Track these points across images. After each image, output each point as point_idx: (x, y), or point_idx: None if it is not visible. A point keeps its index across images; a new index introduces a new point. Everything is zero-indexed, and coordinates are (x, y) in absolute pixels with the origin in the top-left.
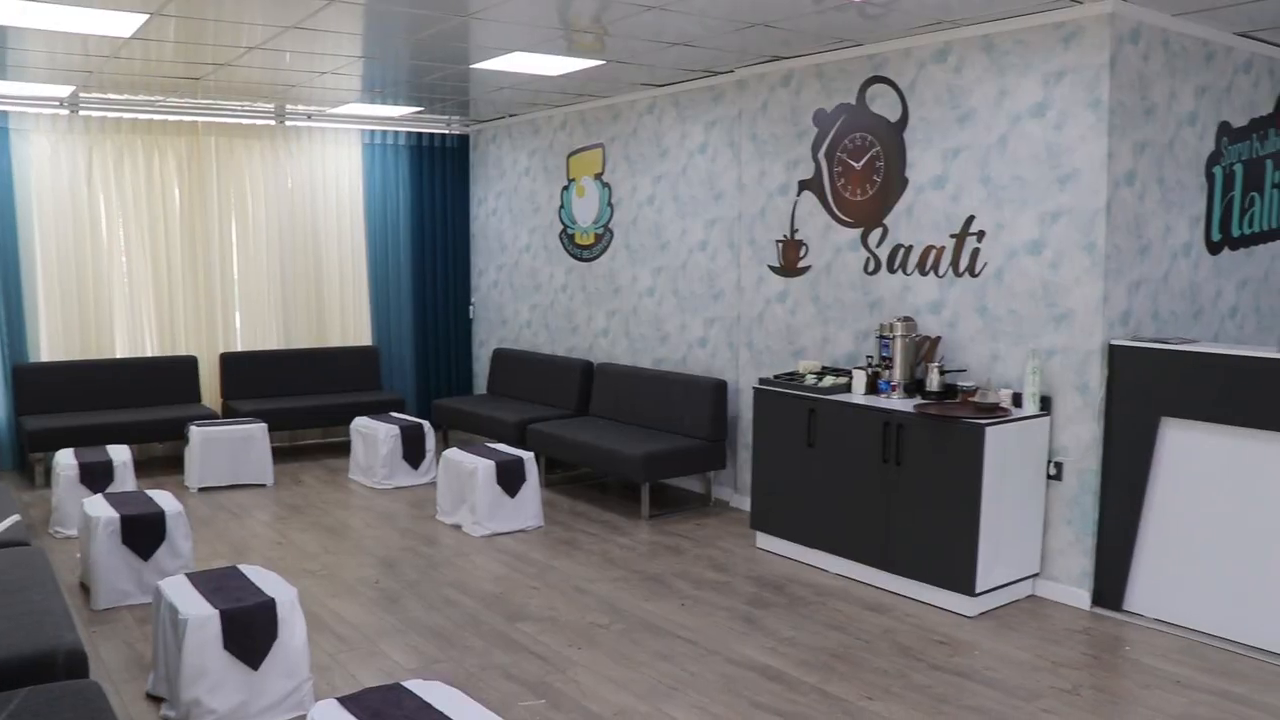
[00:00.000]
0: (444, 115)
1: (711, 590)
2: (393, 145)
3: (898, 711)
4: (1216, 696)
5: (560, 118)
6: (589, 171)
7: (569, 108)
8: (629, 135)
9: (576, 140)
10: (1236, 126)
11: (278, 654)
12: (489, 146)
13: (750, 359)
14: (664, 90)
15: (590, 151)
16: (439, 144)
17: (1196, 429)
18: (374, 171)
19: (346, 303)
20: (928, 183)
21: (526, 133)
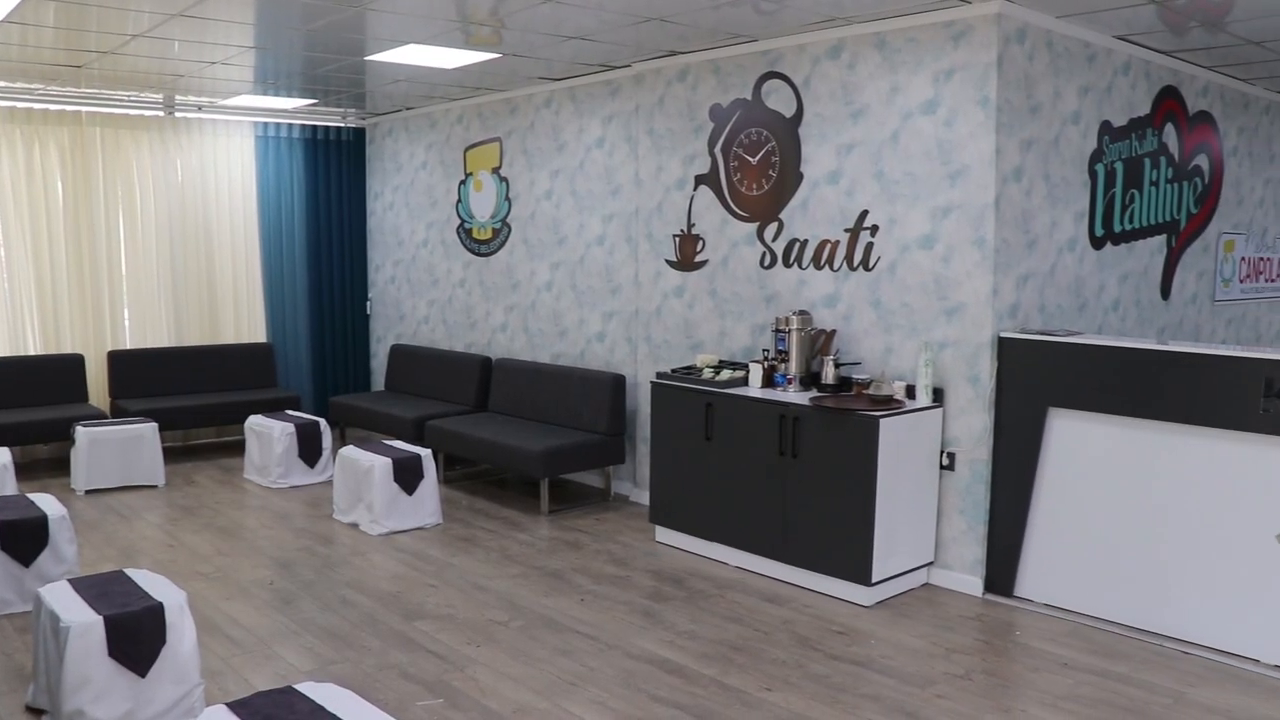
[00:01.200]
0: (339, 108)
1: (611, 585)
2: (287, 138)
3: (795, 701)
4: (1099, 676)
5: (457, 111)
6: (486, 166)
7: (466, 101)
8: (526, 129)
9: (473, 134)
10: (1117, 126)
11: (166, 660)
12: (385, 140)
13: (648, 353)
14: (561, 84)
15: (487, 145)
16: (334, 137)
17: (1082, 418)
18: (268, 165)
19: (240, 299)
20: (822, 178)
21: (423, 126)
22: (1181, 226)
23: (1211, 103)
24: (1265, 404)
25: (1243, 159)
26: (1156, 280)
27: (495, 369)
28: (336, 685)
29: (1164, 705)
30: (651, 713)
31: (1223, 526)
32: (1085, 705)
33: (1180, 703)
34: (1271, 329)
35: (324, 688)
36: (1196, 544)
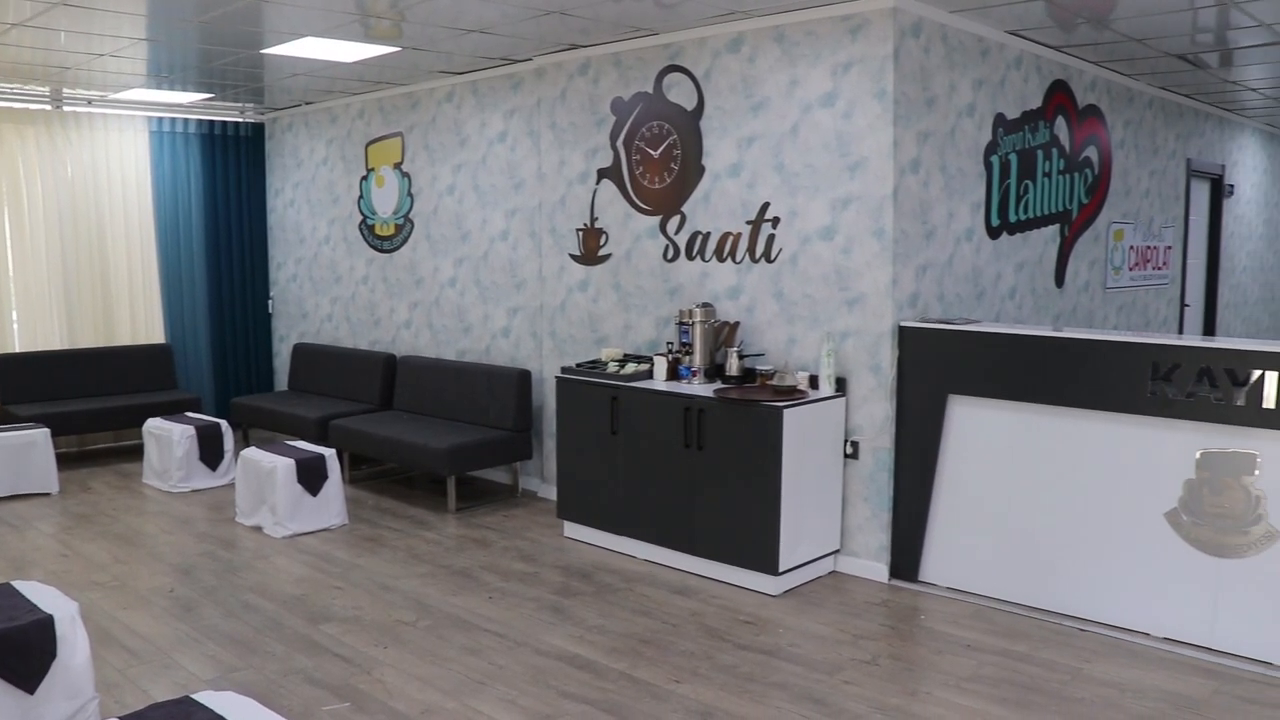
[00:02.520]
0: (237, 103)
1: (519, 582)
2: (183, 133)
3: (705, 692)
4: (1001, 656)
5: (358, 106)
6: (388, 161)
7: (367, 95)
8: (428, 124)
9: (375, 129)
10: (1010, 118)
11: (57, 674)
12: (285, 135)
13: (554, 348)
14: (463, 78)
15: (389, 140)
16: (232, 132)
17: (981, 405)
18: (163, 160)
19: (136, 299)
20: (724, 170)
21: (324, 121)
22: (1073, 216)
23: (1099, 97)
24: (1152, 387)
25: (1129, 151)
26: (1051, 269)
27: (400, 366)
28: (238, 693)
29: (1062, 681)
30: (561, 709)
31: (1115, 506)
32: (988, 685)
33: (1077, 678)
34: (1159, 315)
35: (224, 696)
36: (1090, 524)
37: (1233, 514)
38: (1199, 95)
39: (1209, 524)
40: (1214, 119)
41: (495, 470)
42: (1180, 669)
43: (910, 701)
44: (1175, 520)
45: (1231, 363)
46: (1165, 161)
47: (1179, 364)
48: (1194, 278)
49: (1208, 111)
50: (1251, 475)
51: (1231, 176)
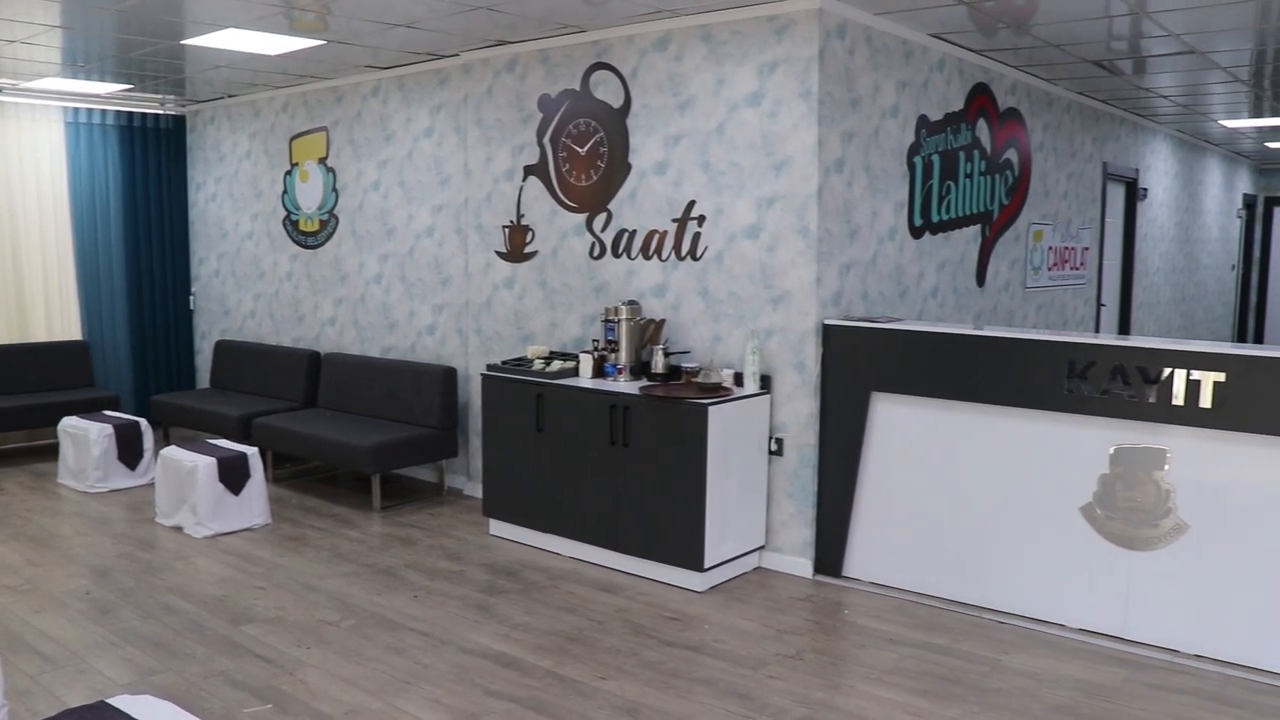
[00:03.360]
0: (157, 94)
1: (444, 580)
2: (100, 125)
3: (630, 689)
4: (922, 649)
5: (282, 99)
6: (313, 155)
7: (291, 89)
8: (353, 118)
9: (299, 123)
10: (933, 120)
11: None
12: (207, 128)
13: (479, 345)
14: (389, 73)
15: (314, 135)
16: (152, 125)
17: (903, 402)
18: (79, 152)
19: (51, 294)
20: (650, 168)
21: (247, 114)
22: (994, 217)
23: (1019, 100)
24: (1068, 384)
25: (1048, 154)
26: (972, 268)
27: (324, 364)
28: (156, 697)
29: (981, 673)
30: (486, 707)
31: (1032, 501)
32: (909, 678)
33: (996, 669)
34: (1077, 314)
35: (141, 700)
36: (1009, 519)
37: (1144, 508)
38: (1114, 101)
39: (1122, 518)
40: (1129, 124)
41: (421, 468)
42: (1094, 658)
43: (834, 695)
44: (1090, 514)
45: (1143, 361)
46: (1083, 165)
47: (1094, 362)
48: (1110, 278)
49: (1123, 117)
50: (1162, 470)
51: (1145, 180)
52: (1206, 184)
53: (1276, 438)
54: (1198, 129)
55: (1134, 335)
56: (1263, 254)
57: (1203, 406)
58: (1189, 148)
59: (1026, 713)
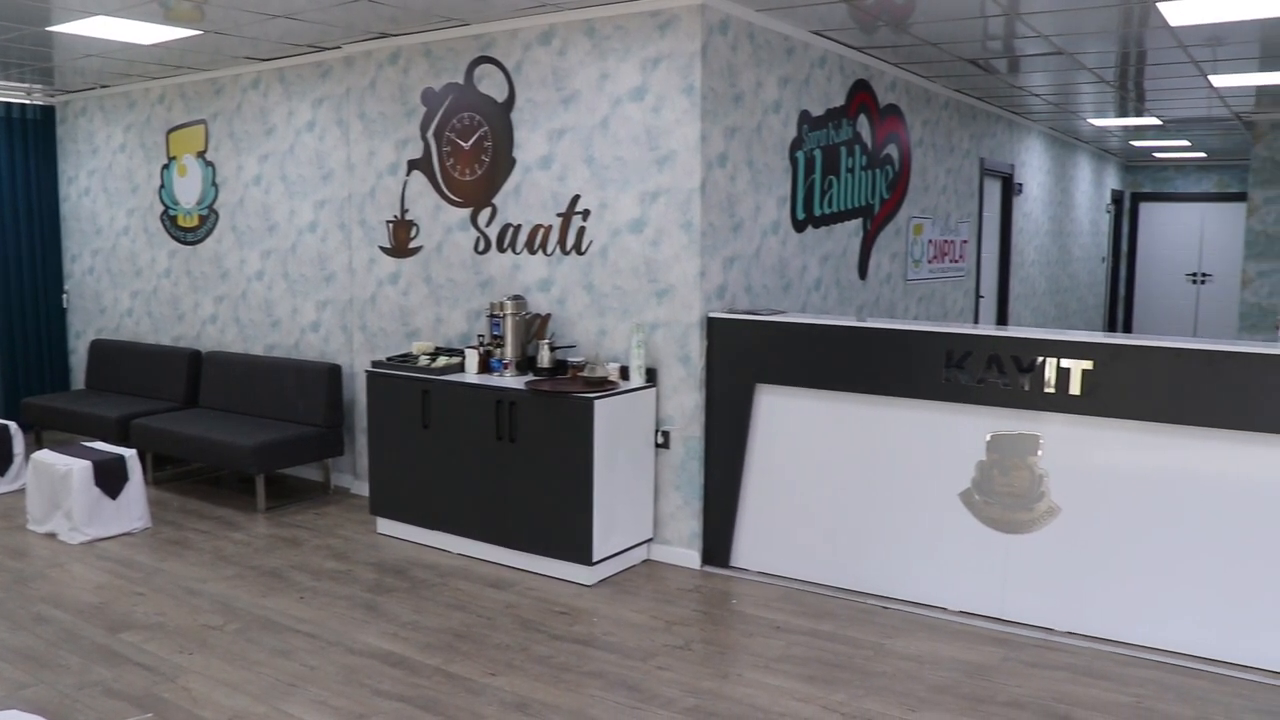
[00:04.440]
0: (23, 83)
1: (331, 580)
2: None
3: (520, 684)
4: (809, 636)
5: (158, 91)
6: (191, 149)
7: (168, 80)
8: (233, 111)
9: (176, 116)
10: (815, 115)
11: None
12: (79, 120)
13: (364, 342)
14: (269, 65)
15: (192, 128)
16: (18, 115)
17: (788, 394)
18: None
19: None
20: (535, 163)
21: (121, 106)
22: (876, 211)
23: (899, 97)
24: (947, 374)
25: (927, 149)
26: (854, 261)
27: (205, 362)
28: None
29: (866, 657)
30: (374, 707)
31: (913, 489)
32: (796, 664)
33: (880, 653)
34: (956, 305)
35: (10, 716)
36: (891, 506)
37: (1020, 492)
38: (990, 99)
39: (999, 502)
40: (1004, 121)
41: (306, 467)
42: (974, 639)
43: (722, 684)
44: (969, 500)
45: (1017, 350)
46: (960, 160)
47: (970, 352)
48: (988, 270)
49: (998, 114)
50: (1035, 455)
51: (1020, 175)
52: (1077, 180)
53: (1141, 422)
54: (1069, 127)
55: (1011, 326)
56: (1130, 247)
57: (1073, 394)
58: (1061, 145)
59: (910, 694)
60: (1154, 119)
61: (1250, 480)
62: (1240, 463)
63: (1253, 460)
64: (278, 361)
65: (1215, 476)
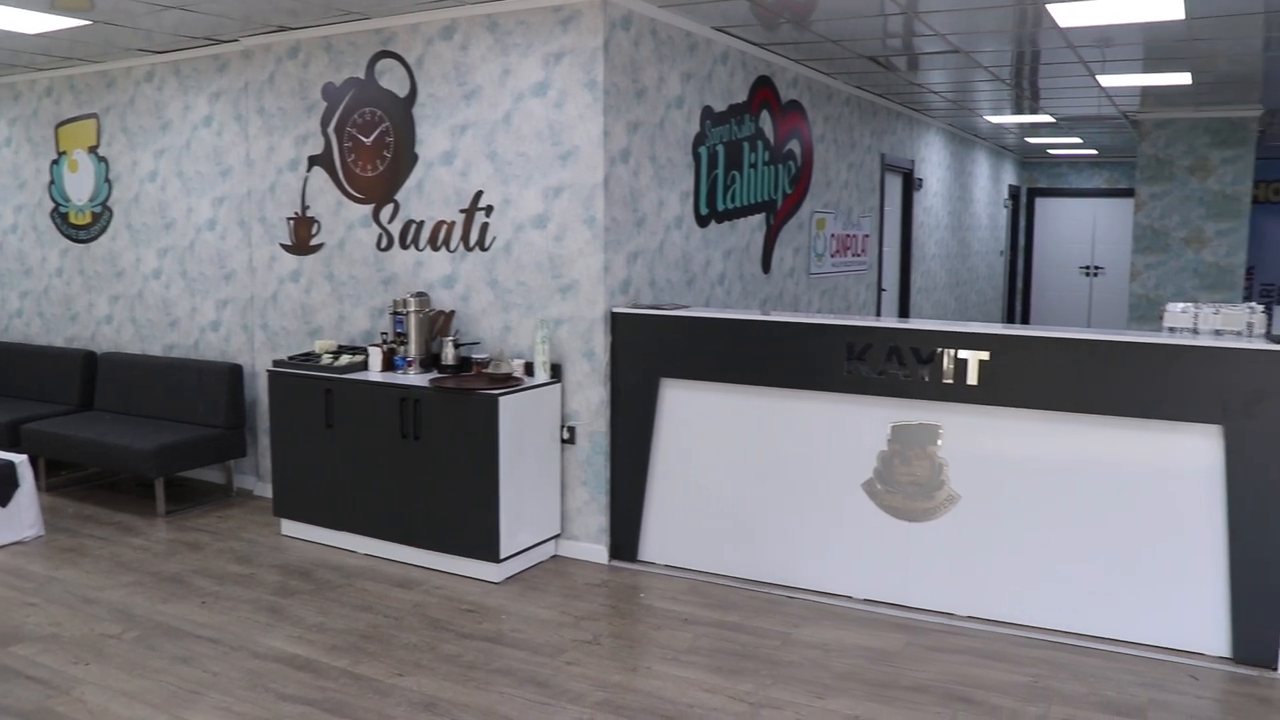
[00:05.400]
0: None
1: (234, 584)
2: None
3: (428, 684)
4: (716, 627)
5: (46, 83)
6: (82, 144)
7: (56, 72)
8: (126, 105)
9: (66, 109)
10: (718, 111)
11: None
12: None
13: (266, 341)
14: (164, 58)
15: (83, 122)
16: None
17: (692, 387)
18: None
19: None
20: (437, 159)
21: (5, 98)
22: (778, 206)
23: (801, 93)
24: (848, 366)
25: (829, 145)
26: (758, 255)
27: (101, 364)
28: None
29: (773, 646)
30: (280, 712)
31: (817, 480)
32: (704, 656)
33: (787, 642)
34: (859, 299)
35: None
36: (796, 498)
37: (920, 481)
38: (891, 95)
39: (900, 492)
40: (904, 118)
41: (208, 470)
42: (878, 626)
43: (631, 677)
44: (871, 490)
45: (916, 342)
46: (862, 156)
47: (871, 344)
48: (889, 264)
49: (899, 111)
50: (935, 445)
51: (920, 171)
52: (976, 175)
53: (1035, 411)
54: (967, 124)
55: (912, 318)
56: (1027, 241)
57: (970, 384)
58: (960, 141)
59: (816, 682)
60: (1047, 117)
61: (1139, 465)
62: (1129, 448)
63: (1141, 446)
64: (177, 362)
65: (1106, 462)
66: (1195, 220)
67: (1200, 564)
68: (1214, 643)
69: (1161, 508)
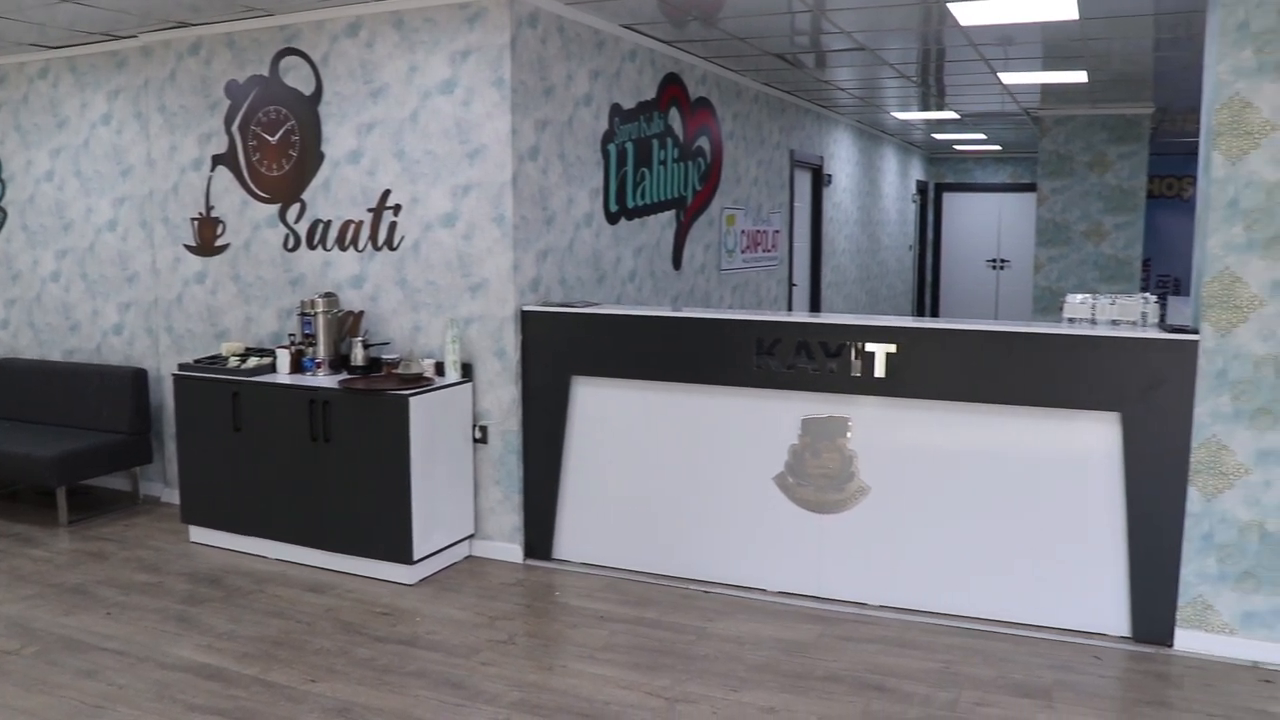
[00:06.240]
0: None
1: (141, 594)
2: None
3: (342, 689)
4: (632, 624)
5: None
6: None
7: None
8: (19, 103)
9: None
10: (626, 108)
11: None
12: None
13: (171, 344)
14: (59, 53)
15: None
16: None
17: (604, 385)
18: None
19: None
20: (344, 157)
21: None
22: (688, 202)
23: (710, 90)
24: (758, 361)
25: (739, 142)
26: (668, 252)
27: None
28: None
29: (689, 641)
30: None
31: (730, 475)
32: (621, 653)
33: (702, 637)
34: (770, 294)
35: None
36: (709, 493)
37: (831, 474)
38: (799, 92)
39: (812, 484)
40: (813, 114)
41: (113, 477)
42: (792, 618)
43: (547, 676)
44: (783, 483)
45: (824, 336)
46: (771, 152)
47: (779, 339)
48: (800, 259)
49: (808, 107)
50: (845, 437)
51: (830, 167)
52: (884, 171)
53: (942, 402)
54: (874, 120)
55: (824, 313)
56: (935, 235)
57: (878, 376)
58: (868, 137)
59: (731, 675)
60: (953, 113)
61: (1043, 453)
62: (1033, 437)
63: (1044, 434)
64: (78, 367)
65: (1011, 451)
66: (1094, 214)
67: (1102, 548)
68: (1115, 623)
69: (1065, 494)
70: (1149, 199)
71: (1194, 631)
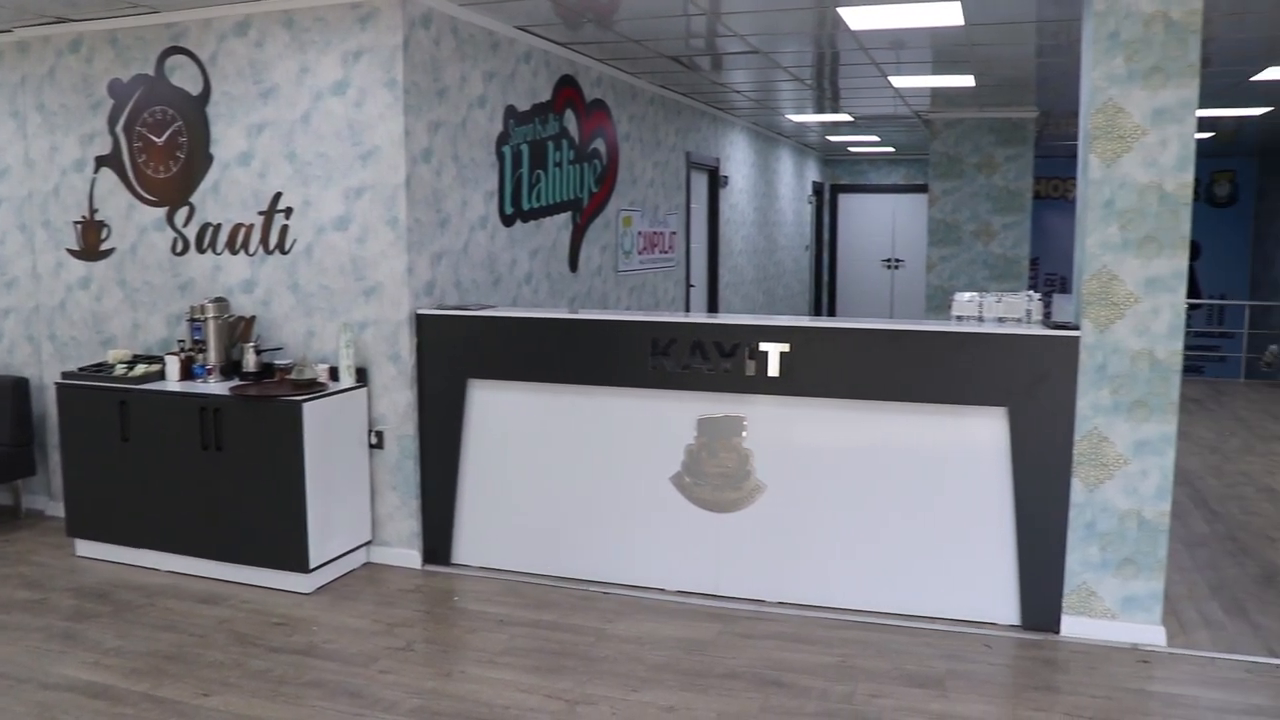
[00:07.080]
0: None
1: (23, 612)
2: None
3: (236, 702)
4: (532, 627)
5: None
6: None
7: None
8: None
9: None
10: (521, 110)
11: None
12: None
13: (54, 352)
14: None
15: None
16: None
17: (500, 388)
18: None
19: None
20: (234, 159)
21: None
22: (585, 204)
23: (605, 92)
24: (653, 362)
25: (635, 144)
26: (565, 254)
27: None
28: None
29: (589, 643)
30: None
31: (627, 475)
32: (520, 656)
33: (602, 638)
34: (668, 295)
35: None
36: (607, 494)
37: (728, 473)
38: (695, 95)
39: (708, 484)
40: (709, 116)
41: None
42: (692, 617)
43: (446, 682)
44: (680, 483)
45: (719, 336)
46: (667, 154)
47: (674, 339)
48: (697, 260)
49: (703, 109)
50: (740, 436)
51: (726, 169)
52: (780, 172)
53: (835, 400)
54: (770, 122)
55: (722, 314)
56: (831, 236)
57: (772, 375)
58: (764, 139)
59: (631, 675)
60: (847, 116)
61: (933, 448)
62: (924, 432)
63: (935, 429)
64: None
65: (903, 446)
66: (983, 214)
67: (991, 539)
68: (1005, 612)
69: (955, 488)
70: (1035, 200)
71: (1079, 617)
